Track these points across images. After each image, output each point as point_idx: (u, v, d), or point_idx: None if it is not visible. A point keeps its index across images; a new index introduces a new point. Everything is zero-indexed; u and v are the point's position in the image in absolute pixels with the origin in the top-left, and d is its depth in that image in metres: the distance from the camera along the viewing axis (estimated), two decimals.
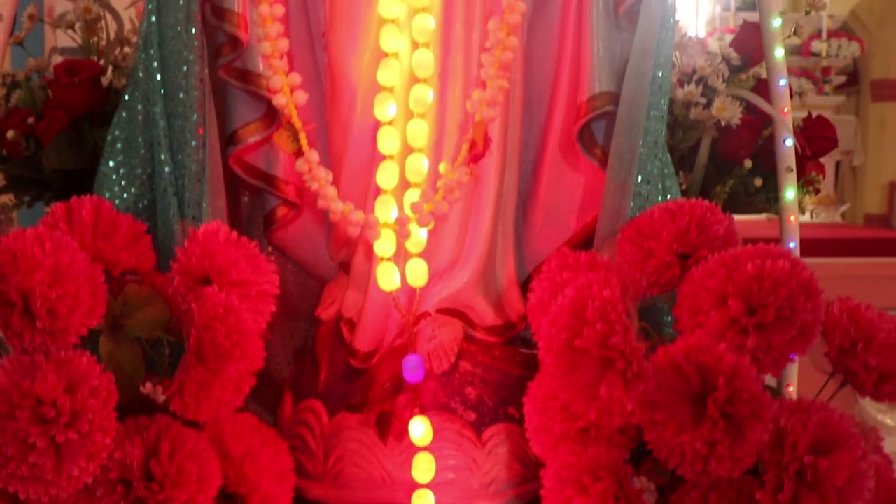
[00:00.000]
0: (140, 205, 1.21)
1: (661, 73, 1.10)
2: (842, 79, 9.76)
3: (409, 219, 1.05)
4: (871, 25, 10.44)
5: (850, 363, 0.92)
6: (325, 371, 1.20)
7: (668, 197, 1.16)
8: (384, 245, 1.06)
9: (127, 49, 1.47)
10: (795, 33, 1.54)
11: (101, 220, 1.00)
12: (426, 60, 1.04)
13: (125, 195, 1.21)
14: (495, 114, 1.06)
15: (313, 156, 1.07)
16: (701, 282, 0.87)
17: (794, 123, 1.41)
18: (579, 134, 1.15)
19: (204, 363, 0.86)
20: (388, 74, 1.05)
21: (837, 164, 9.71)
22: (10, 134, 1.27)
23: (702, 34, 9.36)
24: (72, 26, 1.40)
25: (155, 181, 1.18)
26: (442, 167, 1.07)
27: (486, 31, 1.08)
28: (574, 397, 0.83)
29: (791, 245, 1.28)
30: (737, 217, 1.08)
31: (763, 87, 1.35)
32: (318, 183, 1.06)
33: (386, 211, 1.06)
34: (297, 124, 1.07)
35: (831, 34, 9.39)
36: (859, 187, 10.68)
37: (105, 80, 1.40)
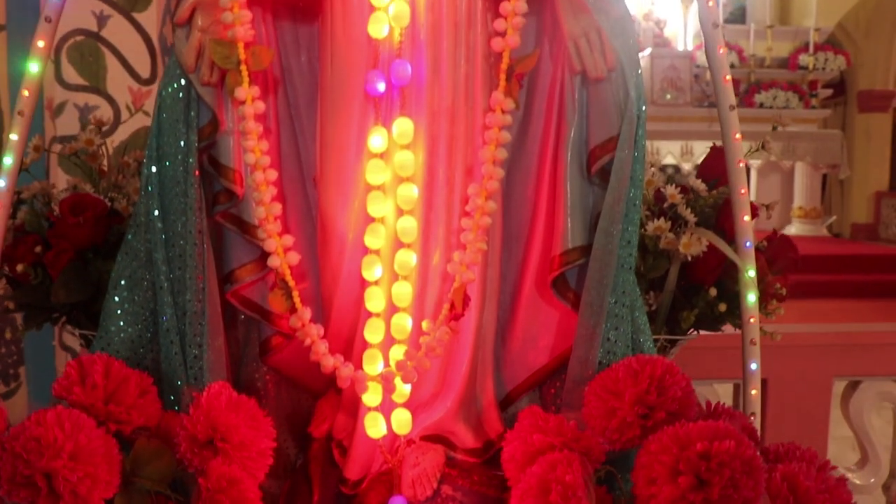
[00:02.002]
0: (143, 338, 1.29)
1: (629, 228, 1.19)
2: (828, 92, 9.88)
3: (394, 374, 1.14)
4: (857, 37, 10.56)
5: None
6: (318, 493, 1.30)
7: (639, 333, 1.26)
8: (371, 397, 1.15)
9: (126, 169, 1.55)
10: (763, 147, 1.61)
11: (112, 379, 1.09)
12: (410, 228, 1.13)
13: (130, 329, 1.29)
14: (474, 276, 1.15)
15: (306, 314, 1.16)
16: (656, 455, 0.97)
17: (758, 244, 1.51)
18: (553, 281, 1.24)
19: None
20: (374, 239, 1.14)
21: (824, 177, 9.86)
22: (19, 267, 1.36)
23: (690, 47, 9.50)
24: (75, 153, 1.48)
25: (158, 320, 1.27)
26: (425, 325, 1.16)
27: (466, 196, 1.17)
28: None
29: (753, 367, 1.38)
30: None
31: (728, 206, 1.44)
32: (310, 338, 1.15)
33: (373, 366, 1.15)
34: (291, 283, 1.16)
35: (818, 48, 9.51)
36: (846, 197, 10.84)
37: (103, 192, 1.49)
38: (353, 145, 1.17)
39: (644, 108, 1.18)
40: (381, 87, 1.14)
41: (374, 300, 1.15)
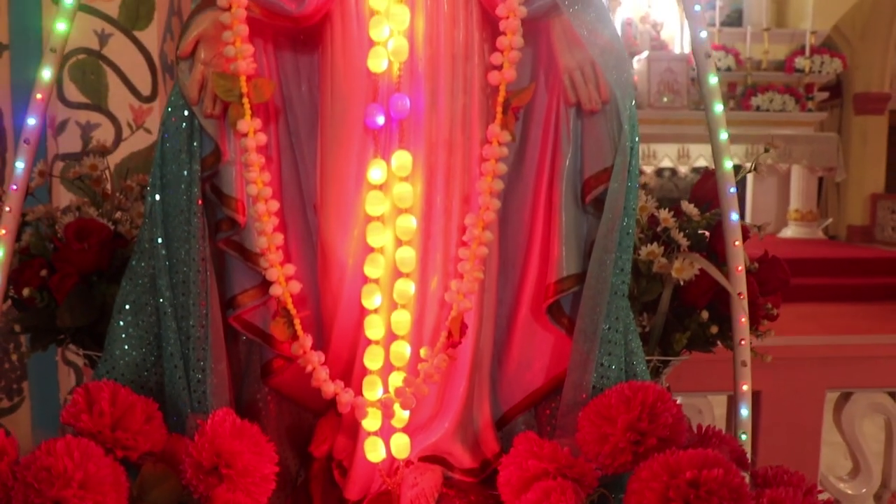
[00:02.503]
0: (147, 362, 1.32)
1: (623, 256, 1.22)
2: (824, 95, 9.92)
3: (393, 400, 1.17)
4: (853, 40, 10.60)
5: None
6: None
7: (632, 356, 1.29)
8: (371, 422, 1.18)
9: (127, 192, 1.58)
10: (755, 168, 1.64)
11: (118, 405, 1.12)
12: (409, 258, 1.16)
13: (134, 353, 1.32)
14: (471, 304, 1.18)
15: (307, 341, 1.19)
16: (647, 482, 1.00)
17: (749, 266, 1.54)
18: (548, 307, 1.27)
19: None
20: (374, 269, 1.17)
21: (821, 180, 9.91)
22: (25, 291, 1.38)
23: (687, 50, 9.52)
24: (79, 177, 1.51)
25: (161, 344, 1.30)
26: (423, 352, 1.19)
27: (464, 225, 1.20)
28: None
29: (744, 388, 1.41)
30: None
31: (720, 229, 1.47)
32: (311, 365, 1.18)
33: (373, 392, 1.18)
34: (292, 311, 1.19)
35: (814, 51, 9.55)
36: (842, 199, 10.89)
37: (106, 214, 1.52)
38: (352, 176, 1.20)
39: (637, 139, 1.21)
40: (381, 120, 1.17)
41: (374, 328, 1.18)
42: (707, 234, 1.56)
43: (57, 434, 2.00)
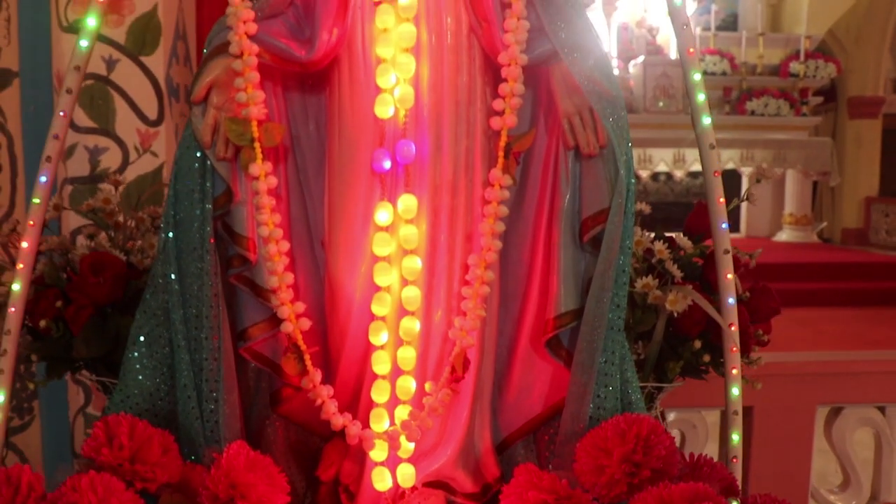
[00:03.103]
0: (161, 391, 1.37)
1: (619, 293, 1.27)
2: (819, 99, 10.00)
3: (399, 433, 1.22)
4: (847, 44, 10.69)
5: None
6: None
7: (627, 386, 1.34)
8: (378, 452, 1.23)
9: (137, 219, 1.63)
10: (748, 198, 1.70)
11: (136, 439, 1.17)
12: (414, 297, 1.22)
13: (148, 383, 1.37)
14: (473, 341, 1.23)
15: (317, 376, 1.24)
16: None
17: (741, 295, 1.59)
18: (547, 341, 1.32)
19: None
20: (380, 307, 1.22)
21: (815, 184, 9.99)
22: (42, 323, 1.43)
23: None
24: (92, 210, 1.56)
25: (175, 374, 1.34)
26: (427, 386, 1.24)
27: (467, 265, 1.25)
28: None
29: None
30: None
31: (712, 261, 1.53)
32: (321, 399, 1.23)
33: (380, 424, 1.23)
34: (302, 347, 1.24)
35: (809, 55, 9.62)
36: (837, 202, 10.98)
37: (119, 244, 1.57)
38: (360, 217, 1.25)
39: (633, 181, 1.26)
40: (387, 164, 1.22)
41: (381, 364, 1.23)
42: (701, 262, 1.61)
43: (68, 453, 2.05)
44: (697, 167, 9.19)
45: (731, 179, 9.96)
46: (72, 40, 2.08)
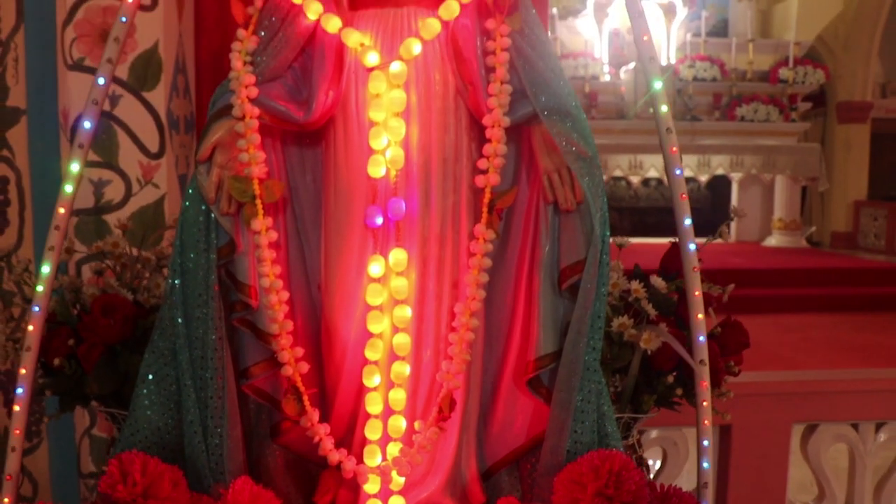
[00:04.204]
0: (168, 426, 1.46)
1: (594, 336, 1.37)
2: (808, 105, 10.13)
3: (391, 468, 1.32)
4: (836, 50, 10.82)
5: None
6: None
7: (604, 419, 1.44)
8: (371, 486, 1.33)
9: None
10: (722, 235, 1.80)
11: (148, 475, 1.27)
12: (404, 343, 1.31)
13: (156, 418, 1.46)
14: (459, 383, 1.32)
15: (314, 416, 1.34)
16: None
17: (712, 330, 1.69)
18: (528, 380, 1.42)
19: None
20: (373, 353, 1.32)
21: (804, 189, 10.13)
22: (56, 361, 1.52)
23: (672, 61, 9.70)
24: (101, 253, 1.65)
25: (182, 412, 1.44)
26: (417, 425, 1.34)
27: (453, 313, 1.35)
28: None
29: (705, 443, 1.56)
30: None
31: (681, 302, 1.63)
32: (318, 436, 1.33)
33: (373, 459, 1.33)
34: (301, 389, 1.34)
35: (798, 62, 9.75)
36: (826, 206, 11.12)
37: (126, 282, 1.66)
38: (354, 268, 1.35)
39: (608, 233, 1.36)
40: (380, 220, 1.31)
41: (374, 404, 1.33)
42: (676, 296, 1.71)
43: (74, 473, 2.14)
44: (688, 173, 9.31)
45: (721, 185, 10.10)
46: (77, 78, 2.18)
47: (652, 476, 2.36)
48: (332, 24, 1.33)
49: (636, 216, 10.25)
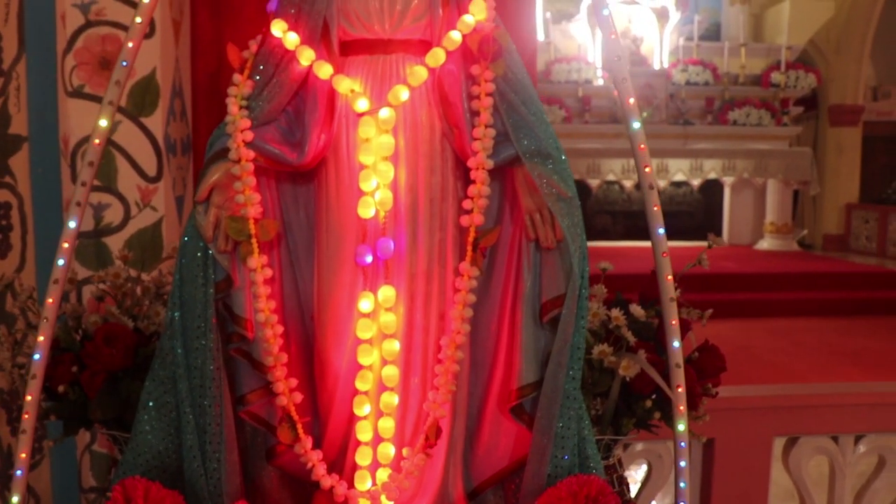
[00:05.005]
0: (168, 450, 1.53)
1: (574, 367, 1.44)
2: (799, 109, 10.21)
3: (380, 492, 1.39)
4: (828, 54, 10.91)
5: None
6: None
7: (584, 443, 1.51)
8: None
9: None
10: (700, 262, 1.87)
11: (151, 500, 1.33)
12: (393, 375, 1.38)
13: (156, 442, 1.53)
14: (445, 413, 1.39)
15: (308, 443, 1.41)
16: None
17: (689, 356, 1.77)
18: (511, 408, 1.49)
19: None
20: (363, 384, 1.39)
21: (796, 192, 10.22)
22: (61, 388, 1.59)
23: (665, 65, 9.77)
24: (103, 281, 1.72)
25: (181, 437, 1.50)
26: (405, 452, 1.41)
27: (439, 345, 1.42)
28: None
29: (682, 464, 1.63)
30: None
31: (660, 328, 1.70)
32: (311, 462, 1.40)
33: (363, 484, 1.40)
34: (295, 418, 1.40)
35: (790, 66, 9.83)
36: (818, 209, 11.22)
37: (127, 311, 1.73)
38: (345, 303, 1.42)
39: (587, 269, 1.43)
40: (369, 259, 1.38)
41: (364, 432, 1.40)
42: (657, 321, 1.78)
43: (75, 487, 2.20)
44: (680, 177, 9.36)
45: (713, 189, 10.18)
46: (77, 105, 2.24)
47: (638, 487, 2.44)
48: (324, 70, 1.39)
49: (629, 220, 10.33)
